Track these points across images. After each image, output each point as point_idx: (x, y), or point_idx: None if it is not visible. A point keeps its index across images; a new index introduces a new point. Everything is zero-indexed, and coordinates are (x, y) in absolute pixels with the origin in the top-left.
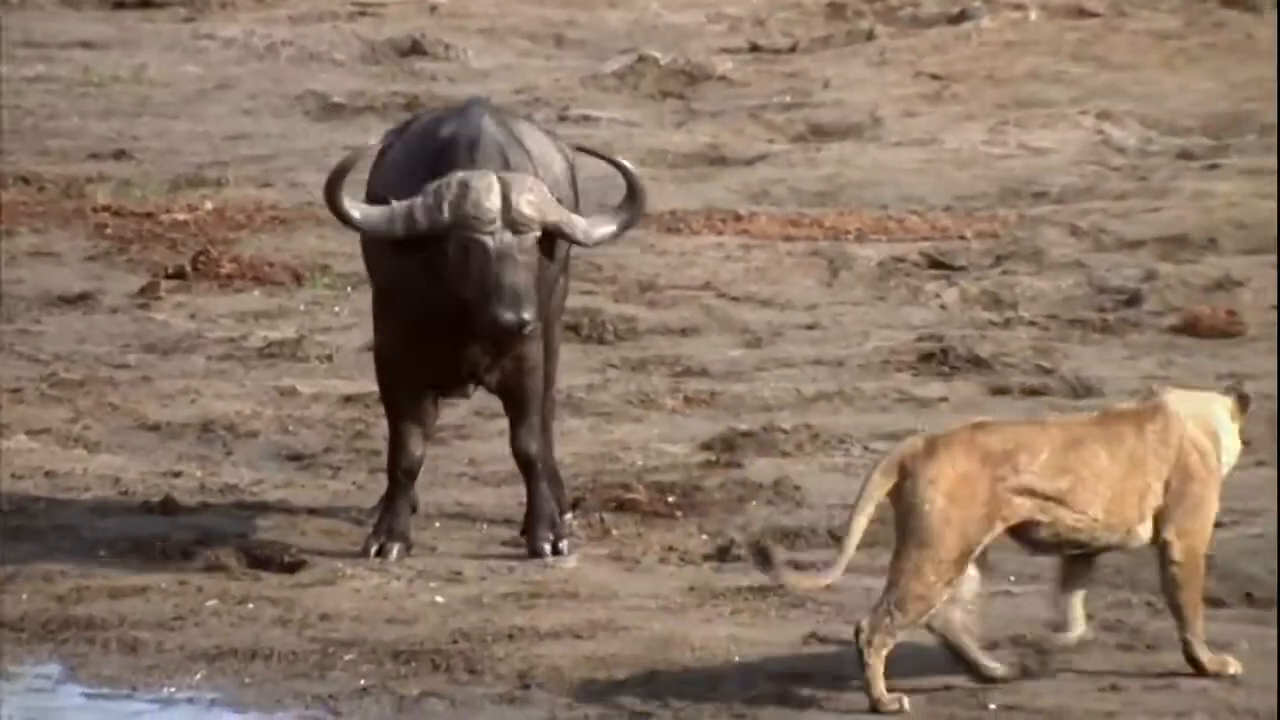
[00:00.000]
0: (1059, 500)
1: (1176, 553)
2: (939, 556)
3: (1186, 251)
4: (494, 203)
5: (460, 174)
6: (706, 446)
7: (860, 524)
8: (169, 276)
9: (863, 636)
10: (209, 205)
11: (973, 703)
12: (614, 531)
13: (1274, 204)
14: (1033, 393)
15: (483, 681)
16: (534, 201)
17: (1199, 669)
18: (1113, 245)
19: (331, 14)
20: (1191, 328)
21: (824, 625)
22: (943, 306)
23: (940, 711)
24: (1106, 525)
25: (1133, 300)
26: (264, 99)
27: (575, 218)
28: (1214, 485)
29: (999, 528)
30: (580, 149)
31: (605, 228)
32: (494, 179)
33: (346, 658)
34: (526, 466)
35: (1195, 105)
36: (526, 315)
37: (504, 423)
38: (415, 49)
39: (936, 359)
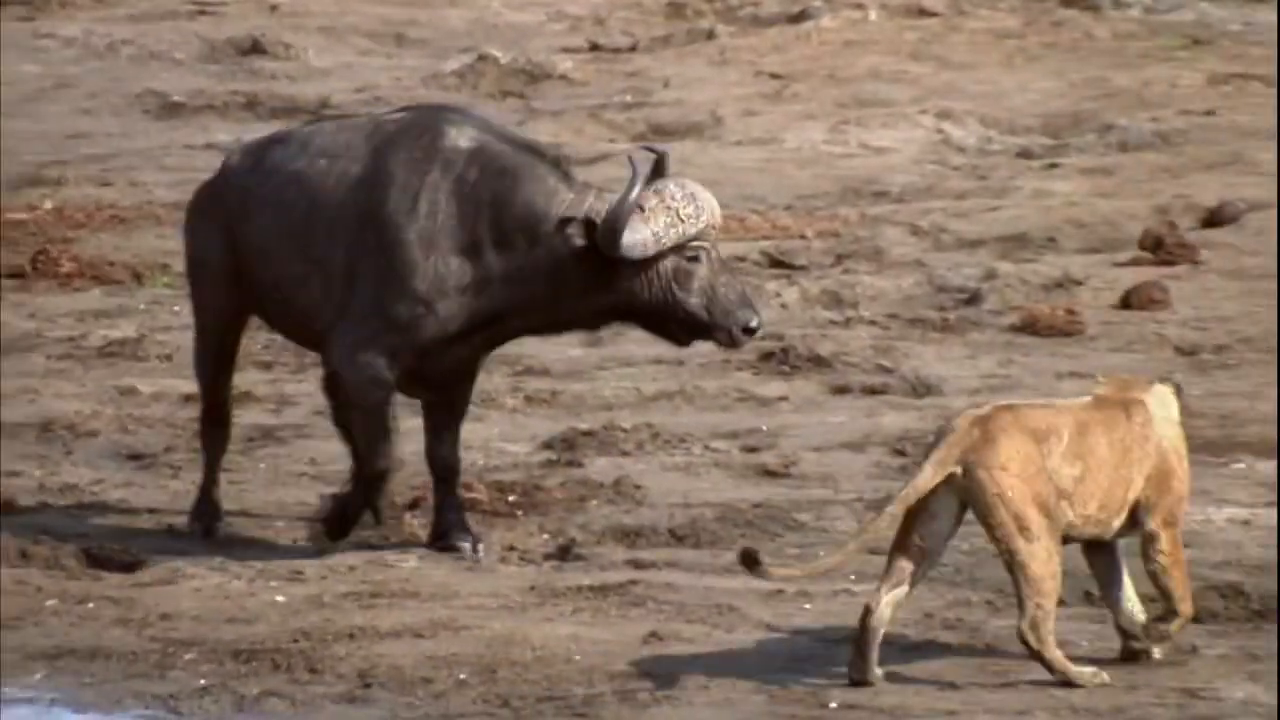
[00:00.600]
0: (1068, 491)
1: (1164, 543)
2: (1037, 534)
3: (1026, 250)
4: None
5: (680, 183)
6: (547, 446)
7: (896, 515)
8: (8, 276)
9: (1030, 639)
10: (48, 204)
11: (813, 701)
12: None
13: (1114, 203)
14: (873, 392)
15: (323, 680)
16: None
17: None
18: (953, 244)
19: (171, 13)
20: (1031, 327)
21: (664, 624)
22: (783, 305)
23: (781, 710)
24: (1097, 519)
25: (973, 299)
26: (104, 98)
27: None
28: (1187, 473)
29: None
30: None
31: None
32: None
33: (187, 657)
34: (452, 471)
35: (1034, 104)
36: (762, 320)
37: None
38: (255, 48)
39: (777, 358)
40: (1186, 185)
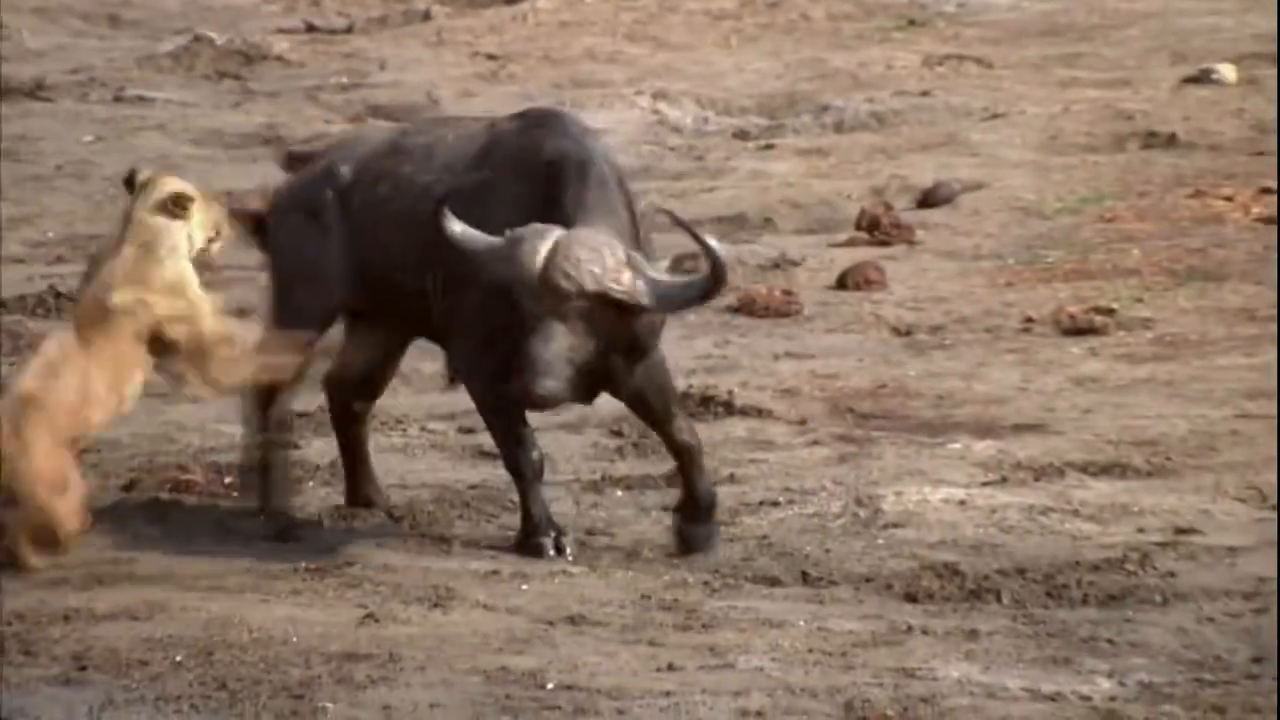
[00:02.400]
0: None
1: None
2: None
3: (743, 231)
4: (538, 268)
5: (527, 231)
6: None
7: None
8: None
9: None
10: None
11: (531, 682)
12: (172, 513)
13: (830, 183)
14: None
15: (38, 663)
16: (582, 269)
17: None
18: (669, 225)
19: None
20: (748, 307)
21: (380, 606)
22: None
23: (498, 691)
24: None
25: None
26: None
27: (639, 282)
28: None
29: None
30: (665, 211)
31: (678, 295)
32: (554, 241)
33: None
34: (689, 452)
35: (751, 85)
36: (540, 389)
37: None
38: None
39: None
40: (902, 166)
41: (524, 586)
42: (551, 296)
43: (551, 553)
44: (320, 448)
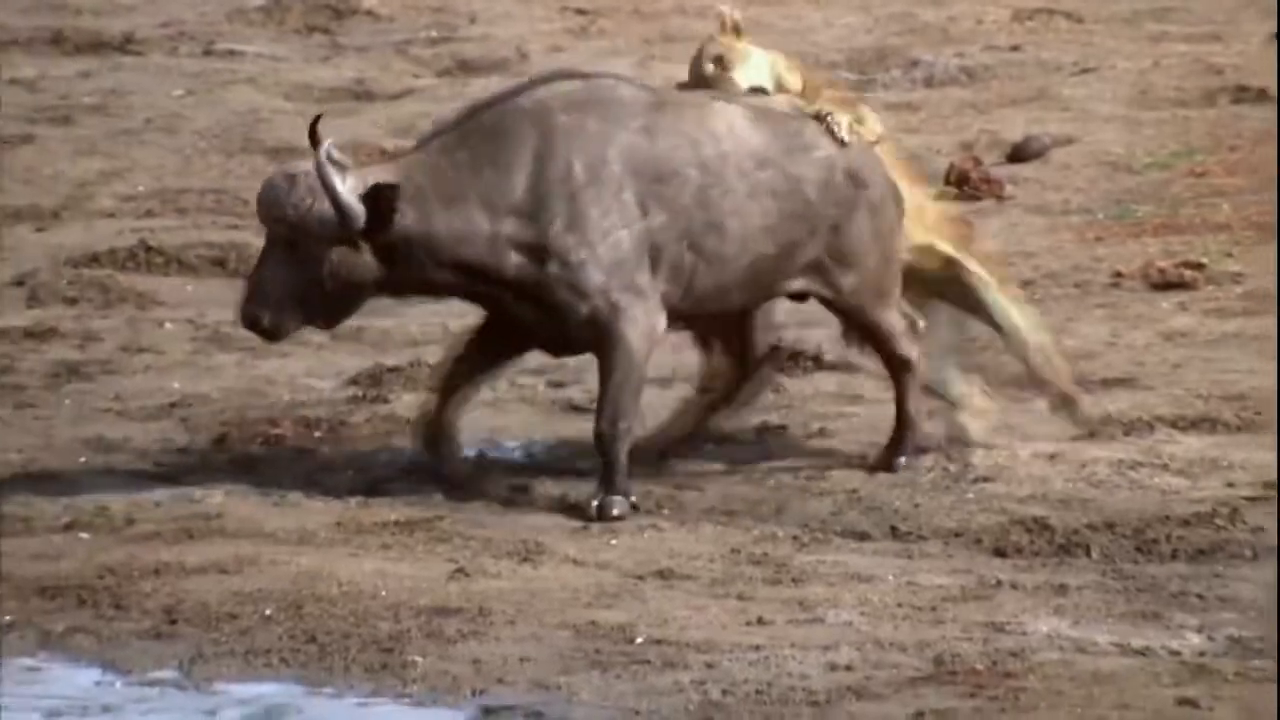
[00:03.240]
0: None
1: None
2: None
3: None
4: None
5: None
6: (353, 382)
7: None
8: None
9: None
10: None
11: (620, 636)
12: (261, 467)
13: (919, 138)
14: None
15: (129, 617)
16: (273, 196)
17: None
18: None
19: None
20: None
21: (470, 560)
22: None
23: (587, 645)
24: None
25: None
26: None
27: (316, 208)
28: None
29: None
30: None
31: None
32: (270, 174)
33: None
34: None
35: (840, 40)
36: (243, 313)
37: (149, 358)
38: None
39: None
40: (992, 120)
41: (613, 541)
42: (262, 224)
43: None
44: (409, 402)
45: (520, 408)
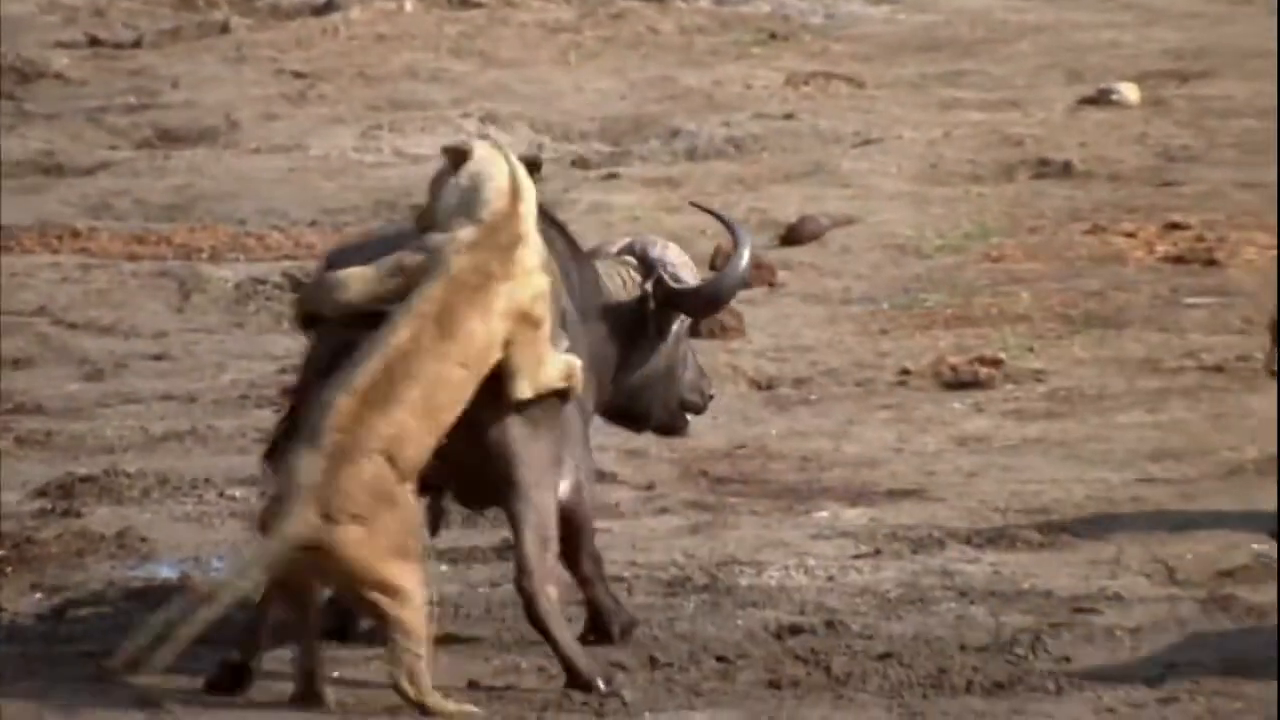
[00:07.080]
0: None
1: None
2: None
3: None
4: None
5: None
6: (41, 493)
7: None
8: None
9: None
10: None
11: None
12: None
13: (681, 218)
14: None
15: None
16: None
17: None
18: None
19: None
20: None
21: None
22: None
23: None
24: None
25: None
26: None
27: None
28: None
29: None
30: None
31: None
32: None
33: None
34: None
35: (592, 107)
36: None
37: None
38: None
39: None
40: (763, 198)
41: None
42: None
43: None
44: (104, 516)
45: (230, 522)
